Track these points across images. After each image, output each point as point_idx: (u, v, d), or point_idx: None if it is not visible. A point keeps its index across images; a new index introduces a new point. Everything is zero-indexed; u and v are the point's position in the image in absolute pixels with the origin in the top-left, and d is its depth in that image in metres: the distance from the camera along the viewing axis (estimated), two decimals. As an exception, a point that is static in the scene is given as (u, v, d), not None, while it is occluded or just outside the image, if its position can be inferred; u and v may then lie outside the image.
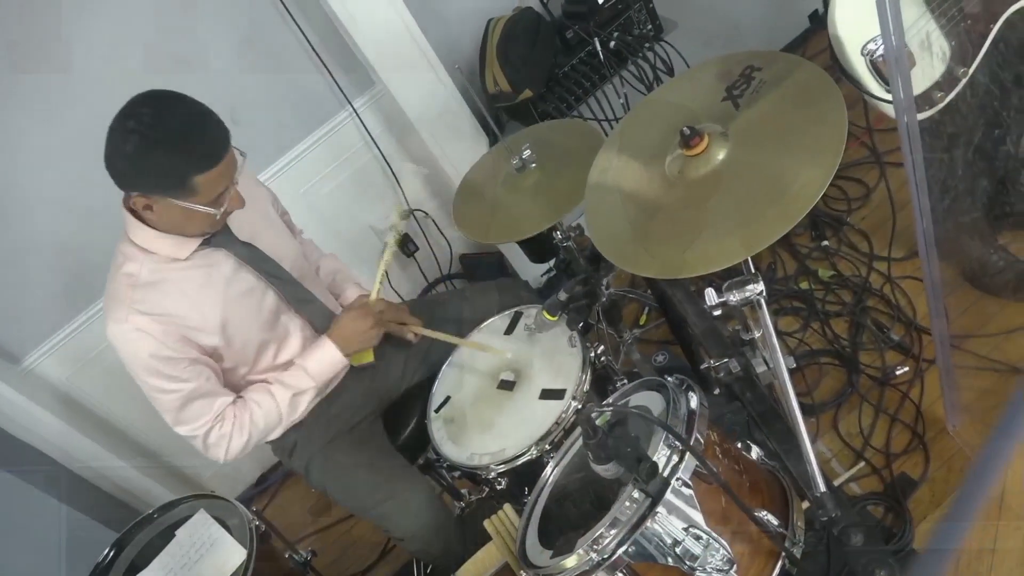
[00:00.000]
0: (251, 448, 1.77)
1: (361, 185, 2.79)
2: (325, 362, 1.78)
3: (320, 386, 1.80)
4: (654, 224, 1.29)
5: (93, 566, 1.88)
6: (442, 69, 2.48)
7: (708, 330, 1.57)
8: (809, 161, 1.16)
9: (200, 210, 1.51)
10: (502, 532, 1.57)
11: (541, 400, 1.70)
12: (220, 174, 1.49)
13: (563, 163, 1.82)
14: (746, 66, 1.32)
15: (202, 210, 1.51)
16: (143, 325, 1.57)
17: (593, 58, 2.45)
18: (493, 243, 2.71)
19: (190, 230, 1.60)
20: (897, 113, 1.20)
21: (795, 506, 1.28)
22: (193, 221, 1.57)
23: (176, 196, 1.49)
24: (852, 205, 2.57)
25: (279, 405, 1.75)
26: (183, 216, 1.54)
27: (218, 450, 1.72)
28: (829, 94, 1.19)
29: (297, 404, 1.78)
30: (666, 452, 1.16)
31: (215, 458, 1.74)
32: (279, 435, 1.84)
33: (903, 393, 2.07)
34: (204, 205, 1.51)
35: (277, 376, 1.77)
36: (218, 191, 1.52)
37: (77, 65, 2.19)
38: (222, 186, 1.52)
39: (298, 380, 1.77)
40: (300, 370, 1.77)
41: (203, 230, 1.62)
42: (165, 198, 1.50)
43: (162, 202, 1.51)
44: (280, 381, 1.76)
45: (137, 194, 1.51)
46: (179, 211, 1.52)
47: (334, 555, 2.74)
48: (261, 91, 2.51)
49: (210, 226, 1.61)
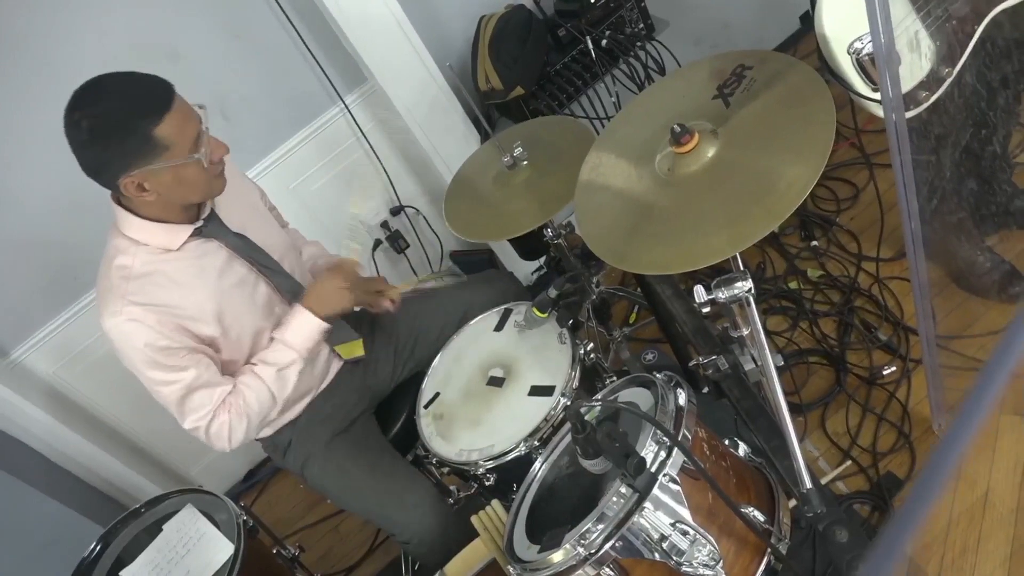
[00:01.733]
0: (253, 433, 1.76)
1: (351, 181, 2.79)
2: (303, 329, 1.73)
3: (303, 355, 1.75)
4: (643, 221, 1.30)
5: (79, 560, 1.87)
6: (434, 66, 2.48)
7: (697, 327, 1.57)
8: (797, 160, 1.17)
9: (185, 164, 1.48)
10: (490, 528, 1.57)
11: (530, 396, 1.70)
12: (179, 118, 1.46)
13: (554, 161, 1.83)
14: (737, 65, 1.33)
15: (187, 162, 1.48)
16: (138, 316, 1.55)
17: (585, 56, 2.45)
18: (484, 240, 2.71)
19: (193, 196, 1.58)
20: (885, 111, 1.20)
21: (781, 503, 1.29)
22: (190, 183, 1.53)
23: (153, 158, 1.46)
24: (841, 206, 2.59)
25: (266, 383, 1.72)
26: (178, 182, 1.51)
27: (222, 439, 1.70)
28: (819, 94, 1.20)
29: (285, 378, 1.74)
30: (654, 448, 1.16)
31: (220, 448, 1.72)
32: (277, 416, 1.82)
33: (890, 393, 2.09)
34: (185, 157, 1.48)
35: (259, 356, 1.75)
36: (189, 136, 1.48)
37: (64, 60, 2.18)
38: (191, 130, 1.49)
39: (280, 355, 1.73)
40: (279, 344, 1.73)
41: (205, 192, 1.59)
42: (146, 168, 1.47)
43: (148, 174, 1.48)
44: (263, 360, 1.74)
45: (123, 178, 1.48)
46: (170, 177, 1.50)
47: (321, 551, 2.74)
48: (252, 86, 2.50)
49: (207, 186, 1.57)
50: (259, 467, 3.14)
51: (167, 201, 1.56)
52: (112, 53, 2.23)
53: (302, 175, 2.70)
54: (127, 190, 1.51)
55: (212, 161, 1.53)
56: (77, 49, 2.20)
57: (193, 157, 1.49)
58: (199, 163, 1.50)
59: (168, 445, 2.89)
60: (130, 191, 1.51)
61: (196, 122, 1.50)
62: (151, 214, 1.59)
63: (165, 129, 1.45)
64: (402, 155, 2.81)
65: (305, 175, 2.70)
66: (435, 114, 2.55)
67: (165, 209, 1.59)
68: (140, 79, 1.48)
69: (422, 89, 2.50)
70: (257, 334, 1.75)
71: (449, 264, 3.05)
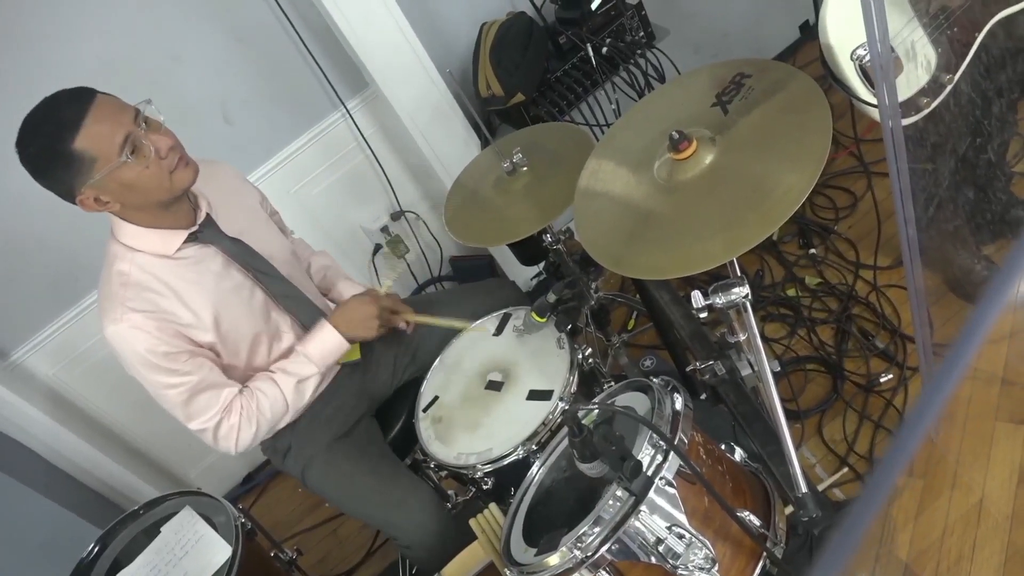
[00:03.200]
0: (260, 438, 1.77)
1: (352, 186, 2.80)
2: (327, 346, 1.78)
3: (323, 371, 1.79)
4: (641, 227, 1.31)
5: (77, 562, 1.87)
6: (435, 71, 2.49)
7: (694, 332, 1.58)
8: (793, 168, 1.18)
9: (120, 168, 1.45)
10: (487, 531, 1.58)
11: (528, 401, 1.71)
12: (97, 126, 1.43)
13: (554, 167, 1.84)
14: (736, 73, 1.34)
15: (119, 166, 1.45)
16: (138, 323, 1.56)
17: (585, 64, 2.46)
18: (484, 245, 2.72)
19: (155, 194, 1.53)
20: (882, 117, 1.21)
21: (777, 508, 1.30)
22: (139, 184, 1.50)
23: (87, 173, 1.45)
24: (839, 214, 2.60)
25: (284, 393, 1.74)
26: (126, 187, 1.49)
27: (228, 442, 1.71)
28: (816, 103, 1.21)
29: (303, 391, 1.78)
30: (650, 451, 1.17)
31: (226, 450, 1.73)
32: (286, 424, 1.83)
33: (887, 400, 2.10)
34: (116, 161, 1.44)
35: (280, 364, 1.77)
36: (115, 140, 1.44)
37: (66, 61, 2.19)
38: (116, 134, 1.44)
39: (300, 367, 1.76)
40: (302, 356, 1.76)
41: (165, 188, 1.53)
42: (87, 183, 1.46)
43: (95, 188, 1.48)
44: (283, 369, 1.76)
45: (78, 198, 1.49)
46: (116, 184, 1.48)
47: (319, 555, 2.74)
48: (254, 90, 2.52)
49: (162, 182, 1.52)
50: (258, 470, 3.14)
51: (135, 206, 1.56)
52: (114, 55, 2.24)
53: (303, 179, 2.71)
54: (88, 207, 1.52)
55: (160, 156, 1.49)
56: (79, 51, 2.21)
57: (121, 160, 1.45)
58: (133, 165, 1.46)
59: (167, 447, 2.89)
60: (92, 206, 1.52)
61: (125, 122, 1.46)
62: (139, 220, 1.59)
63: (83, 141, 1.43)
64: (403, 160, 2.83)
65: (306, 179, 2.72)
66: (436, 120, 2.57)
67: (146, 215, 1.59)
68: (54, 99, 1.46)
69: (423, 95, 2.51)
70: (254, 340, 1.76)
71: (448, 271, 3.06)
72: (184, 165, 1.55)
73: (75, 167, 1.44)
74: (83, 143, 1.43)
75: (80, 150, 1.43)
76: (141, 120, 1.49)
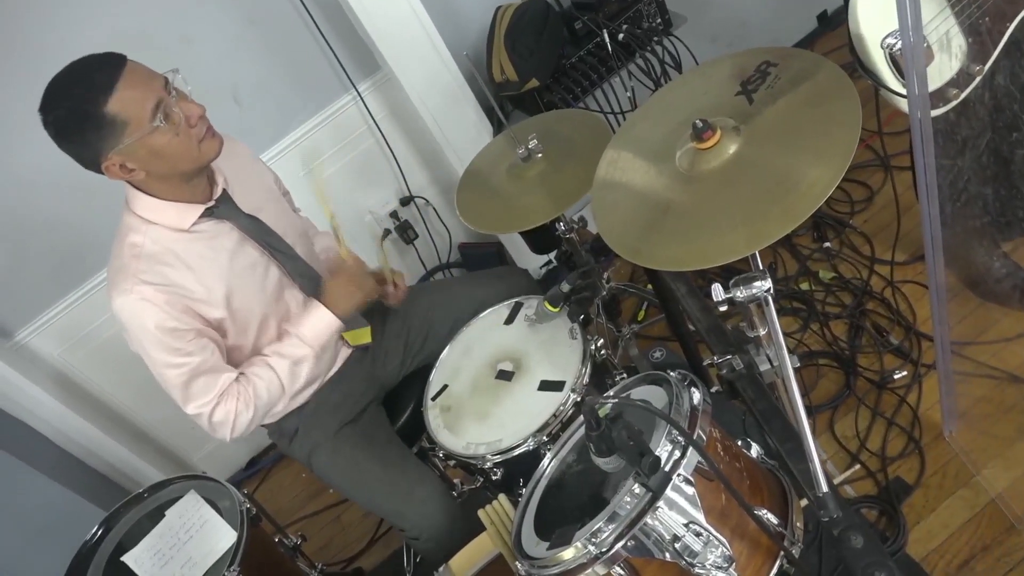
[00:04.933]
0: (256, 423, 1.75)
1: (362, 169, 2.77)
2: (318, 326, 1.74)
3: (317, 351, 1.76)
4: (661, 217, 1.28)
5: (81, 544, 1.86)
6: (448, 55, 2.46)
7: (711, 326, 1.55)
8: (819, 161, 1.15)
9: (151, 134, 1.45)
10: (496, 522, 1.56)
11: (540, 391, 1.69)
12: (130, 90, 1.43)
13: (569, 155, 1.81)
14: (762, 61, 1.31)
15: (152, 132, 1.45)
16: (148, 295, 1.54)
17: (601, 50, 2.43)
18: (495, 232, 2.69)
19: (181, 164, 1.53)
20: (911, 108, 1.18)
21: (794, 506, 1.28)
22: (168, 152, 1.49)
23: (117, 137, 1.44)
24: (855, 208, 2.57)
25: (279, 376, 1.72)
26: (155, 154, 1.48)
27: (224, 428, 1.69)
28: (845, 94, 1.18)
29: (297, 373, 1.75)
30: (668, 447, 1.15)
31: (222, 436, 1.71)
32: (282, 408, 1.81)
33: (900, 397, 2.08)
34: (148, 126, 1.44)
35: (273, 348, 1.74)
36: (146, 105, 1.44)
37: (75, 42, 2.14)
38: (148, 99, 1.44)
39: (294, 348, 1.73)
40: (294, 338, 1.74)
41: (192, 157, 1.53)
42: (117, 148, 1.45)
43: (123, 154, 1.46)
44: (277, 352, 1.73)
45: (103, 163, 1.47)
46: (145, 151, 1.47)
47: (323, 541, 2.73)
48: (265, 72, 2.49)
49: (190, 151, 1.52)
50: (261, 455, 3.13)
51: (160, 175, 1.55)
52: (124, 36, 2.21)
53: (313, 162, 2.68)
54: (113, 173, 1.50)
55: (189, 124, 1.50)
56: (88, 32, 2.18)
57: (153, 125, 1.45)
58: (165, 130, 1.46)
59: (171, 431, 2.88)
60: (117, 173, 1.50)
61: (156, 89, 1.46)
62: (158, 192, 1.57)
63: (116, 104, 1.42)
64: (413, 145, 2.80)
65: (316, 162, 2.69)
66: (448, 104, 2.53)
67: (167, 185, 1.57)
68: (87, 61, 1.46)
69: (435, 79, 2.48)
70: (264, 320, 1.74)
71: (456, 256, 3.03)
72: (211, 136, 1.56)
73: (106, 130, 1.43)
74: (116, 106, 1.42)
75: (112, 113, 1.42)
76: (171, 88, 1.49)
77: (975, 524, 1.82)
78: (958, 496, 1.88)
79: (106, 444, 2.63)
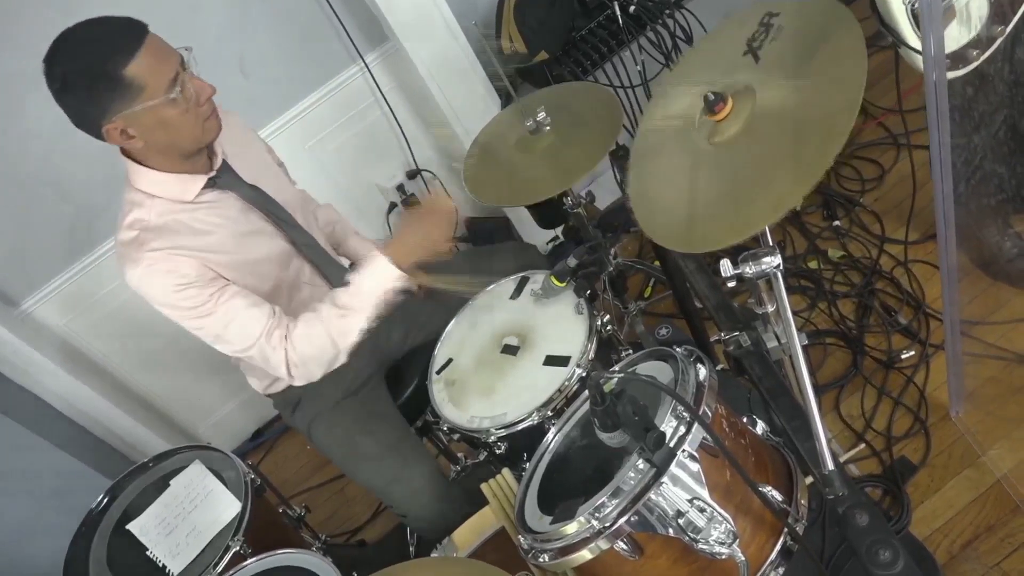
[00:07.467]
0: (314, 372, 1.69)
1: (369, 142, 2.75)
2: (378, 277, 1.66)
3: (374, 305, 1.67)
4: (692, 199, 1.26)
5: (86, 512, 1.87)
6: (457, 26, 2.43)
7: (719, 303, 1.54)
8: (836, 90, 1.12)
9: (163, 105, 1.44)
10: (499, 496, 1.56)
11: (545, 366, 1.68)
12: (152, 57, 1.42)
13: (578, 128, 1.79)
14: (764, 14, 1.28)
15: (164, 102, 1.44)
16: (158, 259, 1.54)
17: (611, 23, 2.40)
18: (503, 205, 2.67)
19: (182, 140, 1.53)
20: (926, 68, 1.15)
21: (799, 483, 1.27)
22: (174, 125, 1.49)
23: (128, 101, 1.42)
24: (866, 186, 2.54)
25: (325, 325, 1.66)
26: (161, 125, 1.48)
27: (279, 368, 1.66)
28: (844, 22, 1.15)
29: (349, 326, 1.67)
30: (673, 423, 1.14)
31: (282, 376, 1.68)
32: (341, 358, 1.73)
33: (907, 377, 2.06)
34: (162, 97, 1.44)
35: (330, 296, 1.68)
36: (165, 75, 1.43)
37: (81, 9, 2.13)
38: (166, 69, 1.44)
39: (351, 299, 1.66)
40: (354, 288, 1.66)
41: (195, 135, 1.53)
42: (125, 112, 1.43)
43: (129, 119, 1.45)
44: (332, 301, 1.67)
45: (105, 125, 1.45)
46: (152, 120, 1.46)
47: (327, 513, 2.75)
48: (271, 43, 2.46)
49: (195, 128, 1.52)
50: (267, 426, 3.14)
51: (159, 147, 1.54)
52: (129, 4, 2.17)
53: (319, 135, 2.67)
54: (112, 137, 1.48)
55: (199, 103, 1.50)
56: None
57: (169, 96, 1.44)
58: (178, 103, 1.46)
59: (176, 400, 2.89)
60: (116, 138, 1.48)
61: (174, 62, 1.46)
62: (158, 164, 1.56)
63: (136, 69, 1.41)
64: (420, 117, 2.78)
65: (322, 135, 2.67)
66: (456, 76, 2.51)
67: (164, 158, 1.56)
68: (109, 21, 1.45)
69: (444, 50, 2.45)
70: (275, 288, 1.73)
71: (464, 230, 3.02)
72: (215, 117, 1.55)
73: (119, 92, 1.42)
74: (135, 70, 1.41)
75: (131, 76, 1.41)
76: (191, 64, 1.49)
77: (980, 504, 1.82)
78: (963, 476, 1.87)
79: (112, 413, 2.63)
